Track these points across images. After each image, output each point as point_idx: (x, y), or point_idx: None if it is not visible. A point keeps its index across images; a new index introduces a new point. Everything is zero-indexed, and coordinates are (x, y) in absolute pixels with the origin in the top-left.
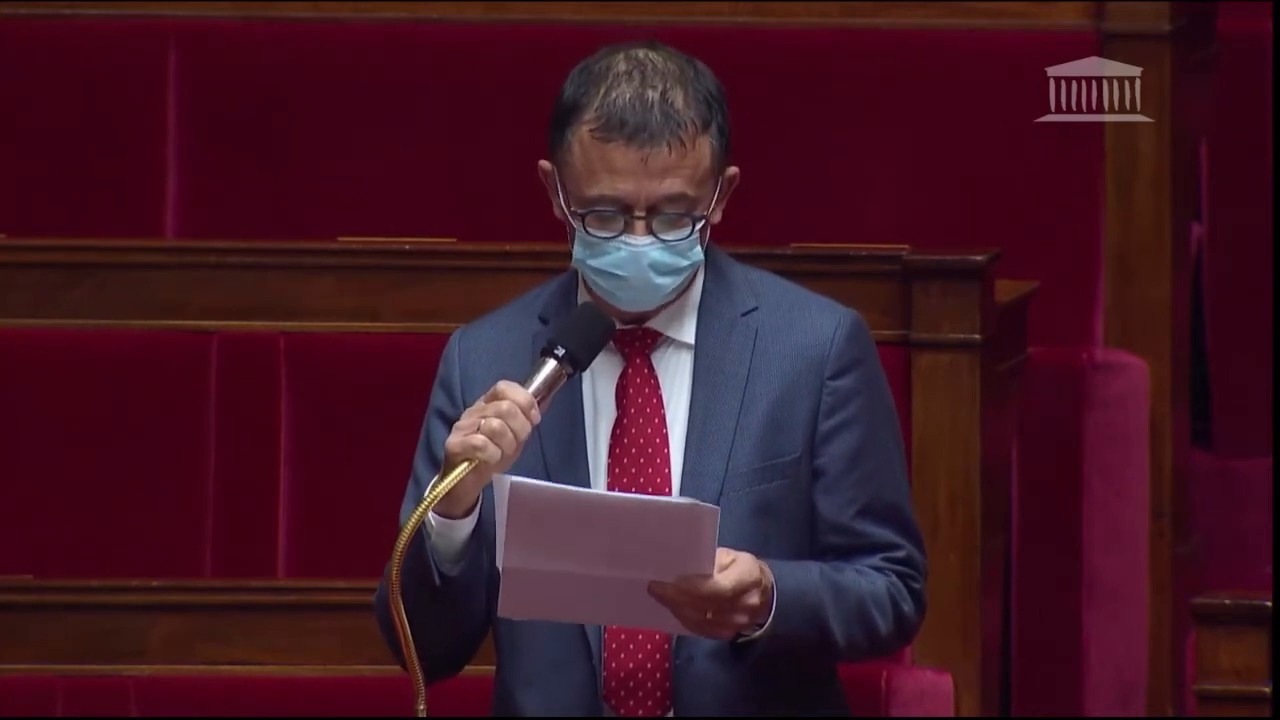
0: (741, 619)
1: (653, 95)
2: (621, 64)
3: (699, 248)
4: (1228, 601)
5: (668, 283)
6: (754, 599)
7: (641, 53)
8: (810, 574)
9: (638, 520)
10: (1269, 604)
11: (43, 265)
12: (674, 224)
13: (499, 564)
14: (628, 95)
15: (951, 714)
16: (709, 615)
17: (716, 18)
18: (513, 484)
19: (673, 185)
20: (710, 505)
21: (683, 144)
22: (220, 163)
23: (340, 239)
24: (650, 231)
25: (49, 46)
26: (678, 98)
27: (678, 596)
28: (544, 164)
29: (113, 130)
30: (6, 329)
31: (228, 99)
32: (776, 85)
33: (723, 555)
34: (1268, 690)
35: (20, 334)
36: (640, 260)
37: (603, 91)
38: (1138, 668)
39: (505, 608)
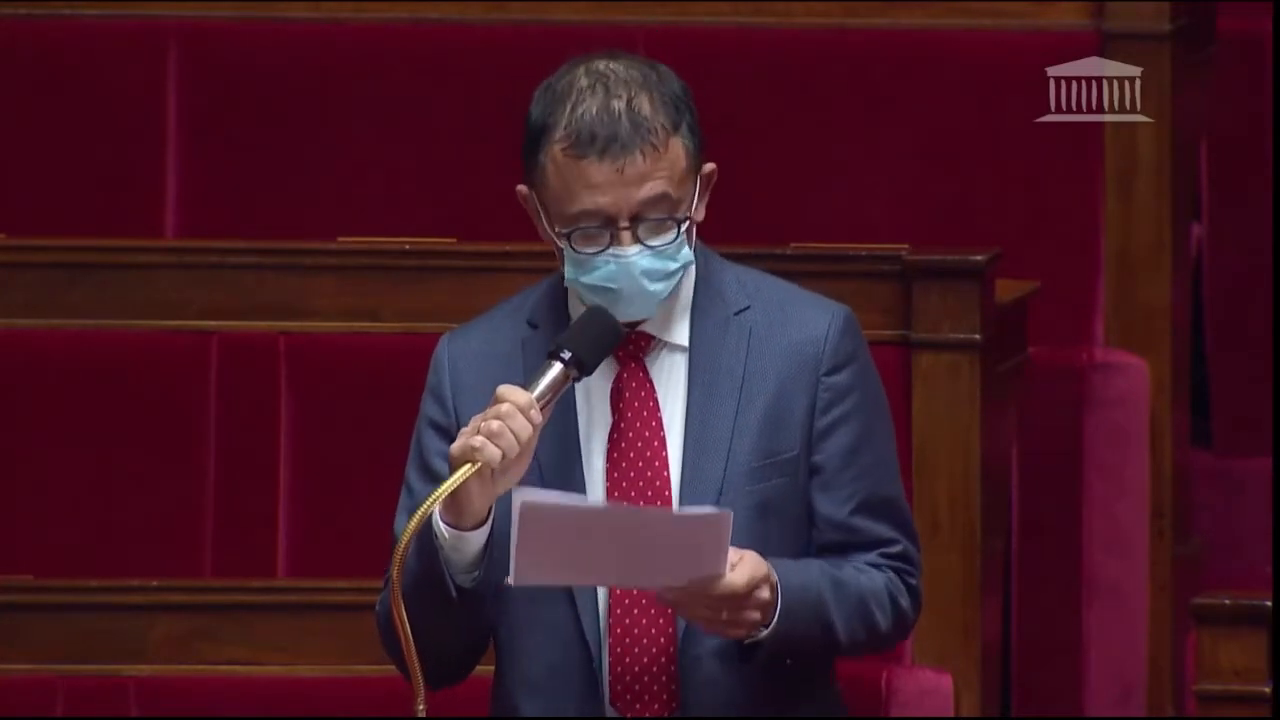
0: (755, 615)
1: (619, 105)
2: (583, 78)
3: (687, 249)
4: (1228, 601)
5: (661, 288)
6: (765, 593)
7: (602, 64)
8: (811, 571)
9: (651, 531)
10: (1269, 604)
11: (43, 265)
12: (659, 229)
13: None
14: (594, 109)
15: (951, 714)
16: (724, 615)
17: (716, 18)
18: (523, 503)
19: (652, 189)
20: (724, 510)
21: (655, 149)
22: (220, 163)
23: (340, 239)
24: (637, 240)
25: (49, 46)
26: (644, 104)
27: (690, 600)
28: (521, 188)
29: (113, 130)
30: (6, 329)
31: (228, 99)
32: (777, 85)
33: (730, 553)
34: (1268, 690)
35: (20, 334)
36: (631, 270)
37: (569, 109)
38: (1138, 668)
39: (516, 579)
